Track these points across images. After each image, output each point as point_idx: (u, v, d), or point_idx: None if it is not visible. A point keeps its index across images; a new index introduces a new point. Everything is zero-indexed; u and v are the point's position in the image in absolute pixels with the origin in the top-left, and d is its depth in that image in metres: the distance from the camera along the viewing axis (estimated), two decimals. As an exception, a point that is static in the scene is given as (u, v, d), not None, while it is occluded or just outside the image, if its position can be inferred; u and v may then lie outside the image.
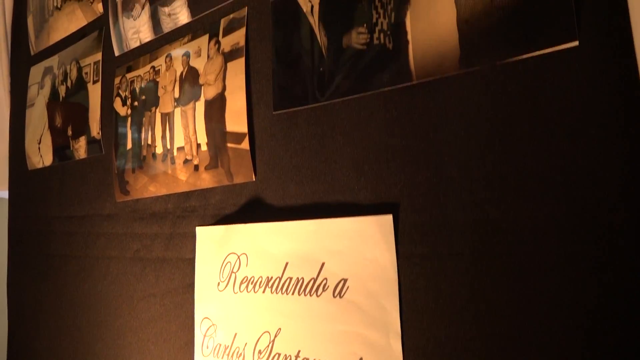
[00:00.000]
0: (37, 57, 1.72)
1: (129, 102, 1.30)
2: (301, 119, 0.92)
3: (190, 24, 1.16)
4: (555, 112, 0.66)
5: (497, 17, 0.69)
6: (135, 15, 1.28)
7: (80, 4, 1.50)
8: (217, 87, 1.06)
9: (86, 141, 1.44)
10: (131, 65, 1.31)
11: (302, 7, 0.93)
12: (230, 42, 1.05)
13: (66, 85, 1.54)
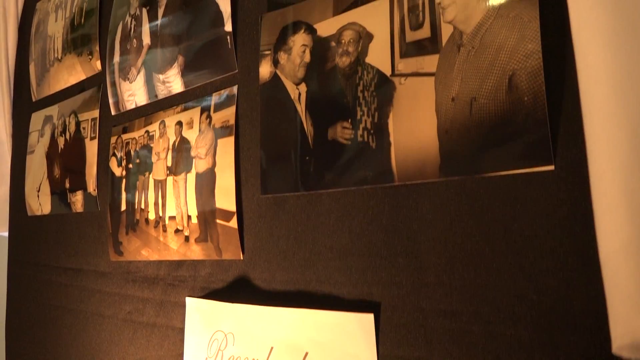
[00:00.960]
0: (38, 104, 1.74)
1: (124, 163, 1.31)
2: (288, 205, 0.93)
3: (183, 94, 1.17)
4: (531, 231, 0.66)
5: (475, 132, 0.70)
6: (132, 78, 1.30)
7: (80, 59, 1.52)
8: (207, 162, 1.07)
9: (83, 196, 1.46)
10: (127, 127, 1.32)
11: (290, 94, 0.94)
12: (221, 118, 1.06)
13: (65, 138, 1.56)
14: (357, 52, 0.84)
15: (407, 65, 0.78)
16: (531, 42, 0.66)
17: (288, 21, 0.96)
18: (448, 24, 0.74)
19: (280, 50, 0.96)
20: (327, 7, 0.90)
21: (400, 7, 0.79)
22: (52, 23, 1.67)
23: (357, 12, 0.85)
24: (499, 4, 0.69)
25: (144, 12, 1.27)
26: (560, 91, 0.65)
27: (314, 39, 0.91)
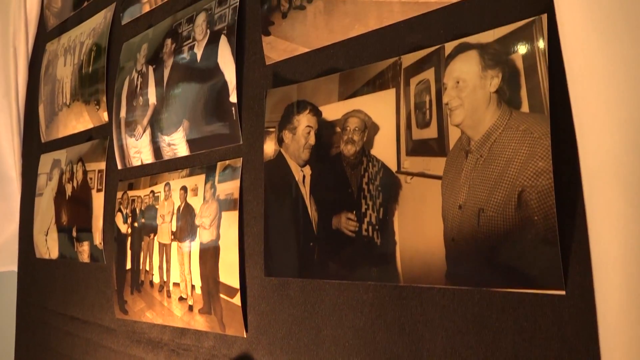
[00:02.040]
0: (47, 145, 1.75)
1: (129, 220, 1.30)
2: (292, 290, 0.91)
3: (189, 158, 1.16)
4: (539, 352, 0.64)
5: (483, 244, 0.67)
6: (137, 135, 1.29)
7: (87, 107, 1.51)
8: (211, 233, 1.06)
9: (89, 247, 1.45)
10: (133, 183, 1.31)
11: (295, 175, 0.92)
12: (225, 190, 1.05)
13: (72, 185, 1.55)
14: (363, 141, 0.82)
15: (414, 164, 0.76)
16: (542, 160, 0.63)
17: (293, 99, 0.94)
18: (456, 127, 0.71)
19: (285, 129, 0.94)
20: (332, 91, 0.88)
21: (407, 102, 0.77)
22: (61, 66, 1.67)
23: (363, 100, 0.83)
24: (509, 115, 0.66)
25: (150, 70, 1.26)
26: (572, 212, 0.62)
27: (319, 122, 0.89)
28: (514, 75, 0.66)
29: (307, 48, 0.92)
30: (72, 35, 1.65)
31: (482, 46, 0.70)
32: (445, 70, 0.73)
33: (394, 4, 0.80)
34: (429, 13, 0.77)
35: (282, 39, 0.96)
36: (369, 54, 0.84)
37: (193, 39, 1.15)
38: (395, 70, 0.79)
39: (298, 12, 0.94)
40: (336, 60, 0.89)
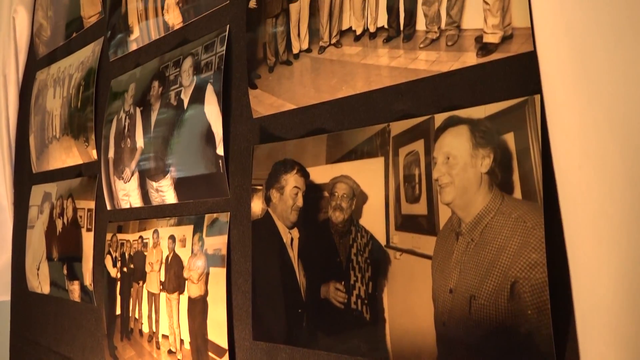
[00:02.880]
0: (38, 176, 1.72)
1: (118, 264, 1.28)
2: (280, 358, 0.89)
3: (177, 206, 1.13)
4: None
5: (475, 332, 0.64)
6: (126, 178, 1.26)
7: (77, 142, 1.48)
8: (200, 288, 1.03)
9: (80, 287, 1.43)
10: (122, 226, 1.29)
11: (283, 237, 0.89)
12: (213, 244, 1.02)
13: (63, 222, 1.53)
14: (351, 209, 0.79)
15: (403, 240, 0.73)
16: (535, 251, 0.60)
17: (280, 157, 0.91)
18: (446, 206, 0.68)
19: (272, 187, 0.91)
20: (320, 152, 0.85)
21: (396, 173, 0.74)
22: (51, 98, 1.64)
23: (351, 166, 0.80)
24: (501, 200, 0.63)
25: (138, 113, 1.23)
26: (567, 308, 0.59)
27: (307, 184, 0.86)
28: (506, 157, 0.63)
29: (294, 105, 0.89)
30: (62, 66, 1.62)
31: (473, 122, 0.67)
32: (435, 143, 0.70)
33: (382, 68, 0.77)
34: (418, 80, 0.73)
35: (268, 94, 0.93)
36: (357, 117, 0.81)
37: (180, 85, 1.11)
38: (384, 137, 0.76)
39: (285, 67, 0.91)
40: (323, 120, 0.86)
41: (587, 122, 0.52)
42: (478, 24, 0.67)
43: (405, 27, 0.74)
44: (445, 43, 0.70)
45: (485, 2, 0.66)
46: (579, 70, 0.52)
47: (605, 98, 0.51)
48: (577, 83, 0.52)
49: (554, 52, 0.54)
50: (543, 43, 0.56)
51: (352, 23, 0.81)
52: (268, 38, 0.93)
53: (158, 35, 1.22)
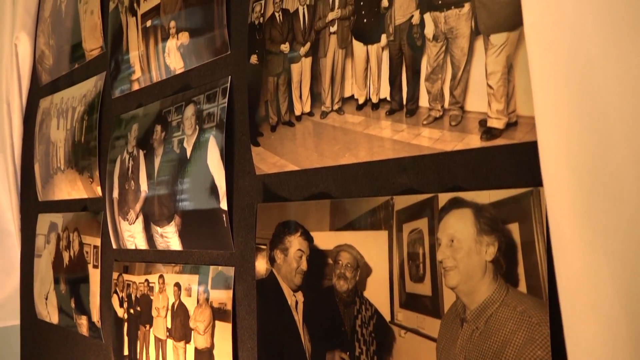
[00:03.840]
0: (43, 205, 1.73)
1: (125, 305, 1.28)
2: (286, 419, 0.89)
3: (182, 253, 1.13)
4: None
5: (480, 422, 0.64)
6: (130, 220, 1.26)
7: (81, 177, 1.49)
8: (206, 340, 1.03)
9: (87, 321, 1.44)
10: (128, 267, 1.29)
11: (287, 299, 0.89)
12: (218, 298, 1.02)
13: (69, 255, 1.54)
14: (355, 280, 0.79)
15: (407, 318, 0.72)
16: (540, 348, 0.59)
17: (283, 218, 0.90)
18: (450, 289, 0.68)
19: (277, 248, 0.91)
20: (323, 218, 0.84)
21: (400, 249, 0.73)
22: (54, 129, 1.64)
23: (355, 236, 0.79)
24: (505, 291, 0.62)
25: (141, 155, 1.23)
26: (573, 406, 0.58)
27: (311, 248, 0.86)
28: (511, 248, 0.62)
29: (297, 166, 0.89)
30: (65, 96, 1.61)
31: (477, 207, 0.66)
32: (439, 224, 0.69)
33: (385, 140, 0.76)
34: (421, 156, 0.72)
35: (271, 152, 0.93)
36: (360, 186, 0.80)
37: (183, 132, 1.11)
38: (387, 211, 0.76)
39: (287, 128, 0.90)
40: (326, 185, 0.85)
41: (587, 219, 0.51)
42: (482, 107, 0.66)
43: (408, 102, 0.73)
44: (448, 122, 0.69)
45: (489, 87, 0.65)
46: (580, 164, 0.51)
47: (607, 194, 0.50)
48: (579, 178, 0.51)
49: (555, 145, 0.53)
50: (544, 135, 0.55)
51: (355, 91, 0.80)
52: (270, 97, 0.92)
53: (160, 78, 1.21)
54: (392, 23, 0.75)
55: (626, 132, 0.49)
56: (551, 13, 0.50)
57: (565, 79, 0.51)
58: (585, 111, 0.51)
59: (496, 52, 0.64)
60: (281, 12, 0.91)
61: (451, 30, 0.69)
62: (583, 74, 0.50)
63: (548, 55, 0.52)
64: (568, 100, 0.51)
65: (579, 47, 0.49)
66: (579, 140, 0.51)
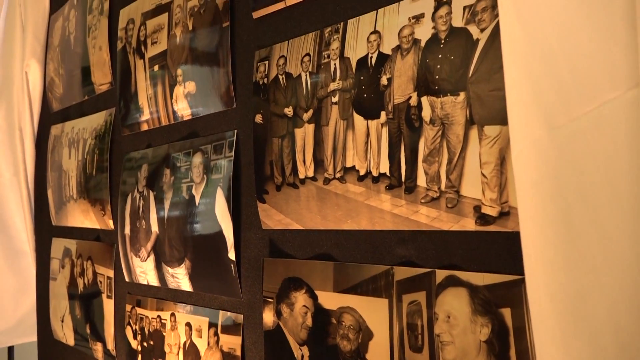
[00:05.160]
0: (57, 230, 1.78)
1: (139, 338, 1.33)
2: None
3: (192, 294, 1.18)
4: None
5: None
6: (142, 257, 1.31)
7: (94, 209, 1.53)
8: (217, 382, 1.08)
9: (102, 350, 1.49)
10: (140, 300, 1.34)
11: (294, 352, 0.93)
12: (228, 342, 1.07)
13: (84, 282, 1.59)
14: (358, 342, 0.83)
15: (407, 385, 0.76)
16: None
17: (289, 274, 0.94)
18: (447, 364, 0.71)
19: (283, 302, 0.95)
20: (327, 278, 0.88)
21: (400, 318, 0.77)
22: (66, 158, 1.69)
23: (357, 300, 0.83)
24: (498, 372, 0.66)
25: (152, 196, 1.27)
26: None
27: (315, 305, 0.90)
28: (503, 331, 0.66)
29: (301, 226, 0.92)
30: (75, 126, 1.65)
31: (472, 287, 0.69)
32: (436, 299, 0.73)
33: (385, 212, 0.79)
34: (420, 231, 0.76)
35: (276, 210, 0.96)
36: (362, 252, 0.84)
37: (191, 179, 1.15)
38: (387, 280, 0.79)
39: (291, 189, 0.93)
40: (330, 247, 0.89)
41: (566, 315, 0.54)
42: (476, 194, 0.69)
43: (407, 180, 0.76)
44: (445, 204, 0.72)
45: (484, 175, 0.68)
46: (560, 258, 0.54)
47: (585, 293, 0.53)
48: (558, 270, 0.54)
49: (535, 241, 0.56)
50: (526, 229, 0.57)
51: (356, 162, 0.83)
52: (274, 157, 0.96)
53: (168, 122, 1.25)
54: (391, 101, 0.78)
55: (598, 236, 0.51)
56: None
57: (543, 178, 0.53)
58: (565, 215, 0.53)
59: (490, 143, 0.67)
60: (284, 75, 0.94)
61: (447, 116, 0.72)
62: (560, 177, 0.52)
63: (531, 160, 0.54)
64: (546, 198, 0.54)
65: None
66: (555, 237, 0.53)
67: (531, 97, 0.47)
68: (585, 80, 0.43)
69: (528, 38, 0.47)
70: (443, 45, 0.72)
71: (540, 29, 0.46)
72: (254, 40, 1.02)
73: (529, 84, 0.48)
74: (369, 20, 0.82)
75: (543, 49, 0.46)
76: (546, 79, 0.46)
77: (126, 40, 1.38)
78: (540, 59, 0.46)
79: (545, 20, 0.46)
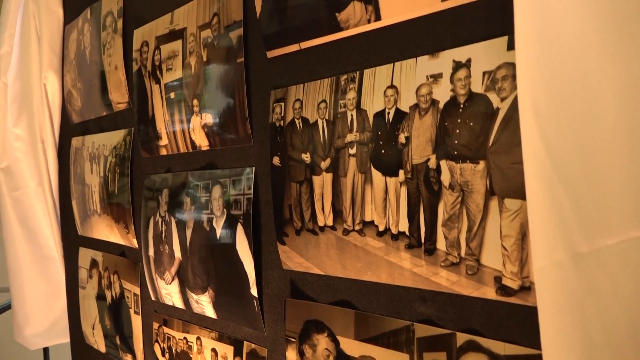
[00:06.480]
0: (84, 240, 1.82)
1: (167, 356, 1.38)
2: None
3: (216, 321, 1.21)
4: None
5: None
6: (167, 280, 1.34)
7: (117, 225, 1.56)
8: (243, 409, 1.12)
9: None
10: (167, 320, 1.38)
11: (317, 391, 0.95)
12: (253, 374, 1.09)
13: (112, 295, 1.63)
14: (380, 392, 0.84)
15: None
16: None
17: (311, 317, 0.96)
18: None
19: (305, 343, 0.97)
20: (348, 326, 0.89)
21: (421, 375, 0.78)
22: (88, 172, 1.71)
23: (378, 351, 0.84)
24: None
25: (173, 223, 1.28)
26: None
27: (337, 350, 0.91)
28: (524, 404, 0.67)
29: (322, 271, 0.93)
30: (95, 141, 1.67)
31: (493, 356, 0.70)
32: (457, 362, 0.74)
33: (405, 270, 0.79)
34: (440, 292, 0.76)
35: (296, 253, 0.97)
36: (382, 304, 0.84)
37: (211, 211, 1.16)
38: (408, 335, 0.80)
39: (311, 235, 0.94)
40: (350, 295, 0.89)
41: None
42: (497, 265, 0.69)
43: (426, 241, 0.76)
44: (465, 270, 0.72)
45: (504, 248, 0.67)
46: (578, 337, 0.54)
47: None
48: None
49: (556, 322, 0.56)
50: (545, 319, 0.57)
51: (374, 218, 0.83)
52: (293, 202, 0.96)
53: (186, 150, 1.25)
54: (409, 161, 0.77)
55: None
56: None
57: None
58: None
59: (510, 217, 0.67)
60: (301, 120, 0.93)
61: (467, 183, 0.71)
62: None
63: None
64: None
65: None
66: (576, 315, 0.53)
67: (552, 217, 0.46)
68: (609, 212, 0.42)
69: (550, 158, 0.46)
70: (462, 110, 0.71)
71: (565, 153, 0.45)
72: (269, 79, 1.01)
73: (550, 202, 0.47)
74: (385, 73, 0.80)
75: (566, 171, 0.45)
76: (568, 201, 0.45)
77: (141, 62, 1.37)
78: (562, 182, 0.45)
79: (570, 143, 0.44)
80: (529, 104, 0.47)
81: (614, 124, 0.41)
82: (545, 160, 0.46)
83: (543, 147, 0.46)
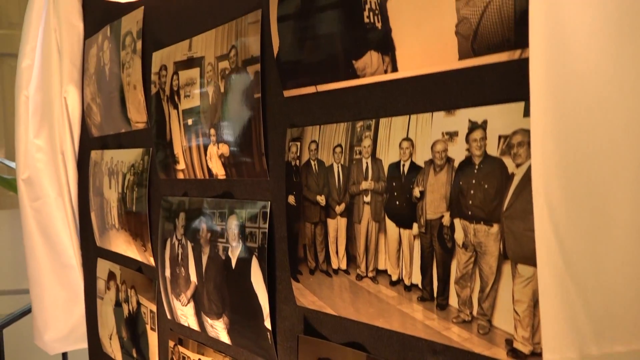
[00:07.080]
0: (102, 251, 1.86)
1: (182, 375, 1.40)
2: None
3: (231, 347, 1.23)
4: None
5: None
6: (183, 302, 1.36)
7: (135, 242, 1.59)
8: None
9: (149, 375, 1.58)
10: (182, 340, 1.40)
11: None
12: (266, 403, 1.11)
13: (129, 309, 1.67)
14: None
15: None
16: None
17: (323, 354, 0.97)
18: None
19: (318, 380, 0.98)
20: (360, 368, 0.90)
21: None
22: (107, 187, 1.74)
23: (389, 396, 0.85)
24: None
25: (189, 247, 1.30)
26: None
27: (349, 390, 0.92)
28: None
29: (334, 312, 0.94)
30: (114, 157, 1.70)
31: (503, 415, 0.70)
32: (467, 416, 0.74)
33: (417, 321, 0.80)
34: (452, 347, 0.77)
35: (310, 292, 0.98)
36: (393, 351, 0.85)
37: (227, 241, 1.17)
38: (419, 385, 0.81)
39: (324, 276, 0.95)
40: (363, 338, 0.90)
41: None
42: (509, 328, 0.69)
43: (439, 297, 0.77)
44: (477, 329, 0.73)
45: (516, 312, 0.68)
46: None
47: None
48: None
49: None
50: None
51: (388, 267, 0.83)
52: (308, 242, 0.97)
53: (203, 177, 1.26)
54: (423, 215, 0.78)
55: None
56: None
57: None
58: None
59: (523, 283, 0.67)
60: (317, 161, 0.94)
61: (480, 244, 0.71)
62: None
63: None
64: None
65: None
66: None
67: (563, 314, 0.47)
68: (619, 320, 0.42)
69: (562, 255, 0.46)
70: (477, 171, 0.71)
71: (577, 254, 0.45)
72: (286, 117, 1.02)
73: (561, 299, 0.47)
74: (401, 124, 0.81)
75: (578, 272, 0.45)
76: (579, 302, 0.45)
77: (160, 86, 1.39)
78: (574, 282, 0.45)
79: (582, 243, 0.45)
80: (542, 199, 0.48)
81: (629, 230, 0.42)
82: (558, 257, 0.47)
83: (556, 244, 0.47)
